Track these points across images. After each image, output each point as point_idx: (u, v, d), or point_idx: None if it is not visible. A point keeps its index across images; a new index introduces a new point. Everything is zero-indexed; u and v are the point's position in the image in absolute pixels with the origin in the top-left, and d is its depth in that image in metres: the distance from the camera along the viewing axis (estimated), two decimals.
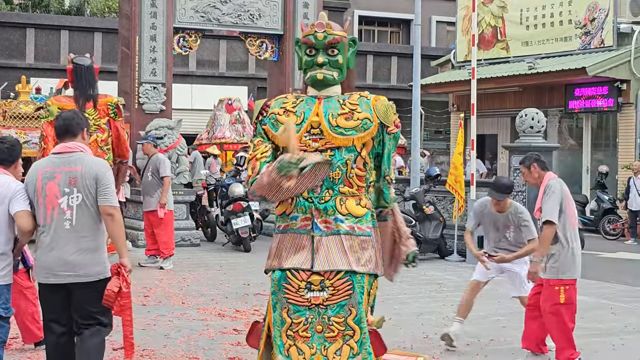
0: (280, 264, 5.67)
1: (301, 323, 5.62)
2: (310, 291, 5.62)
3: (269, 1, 18.31)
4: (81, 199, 5.96)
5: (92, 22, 29.56)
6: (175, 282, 12.16)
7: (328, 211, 5.72)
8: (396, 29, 37.84)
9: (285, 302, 5.64)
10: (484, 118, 25.99)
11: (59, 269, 5.96)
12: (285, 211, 5.75)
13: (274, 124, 5.76)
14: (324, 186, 5.72)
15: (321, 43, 5.86)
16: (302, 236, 5.70)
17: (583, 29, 23.73)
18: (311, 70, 5.87)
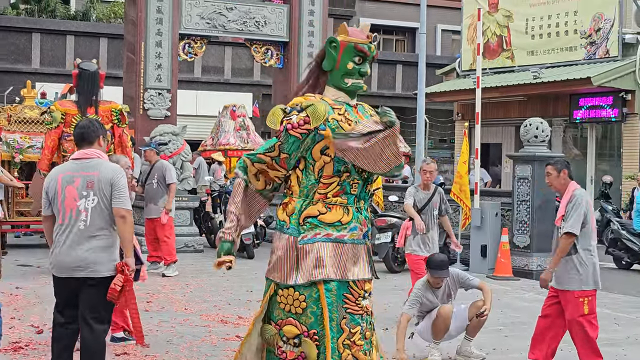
0: (344, 275, 5.65)
1: (357, 332, 5.63)
2: (364, 299, 5.71)
3: (275, 8, 18.35)
4: (96, 202, 6.39)
5: (98, 28, 29.62)
6: (178, 288, 12.16)
7: (367, 221, 5.86)
8: (401, 37, 37.88)
9: (344, 312, 5.61)
10: (489, 127, 25.99)
11: (72, 265, 6.39)
12: (340, 220, 5.70)
13: (335, 130, 5.60)
14: (360, 196, 5.83)
15: (371, 56, 5.89)
16: (357, 246, 5.76)
17: (588, 39, 23.74)
18: (353, 78, 5.80)
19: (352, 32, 5.90)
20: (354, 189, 5.74)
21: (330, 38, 5.91)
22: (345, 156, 5.59)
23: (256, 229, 16.04)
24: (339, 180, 5.68)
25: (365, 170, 5.70)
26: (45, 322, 9.36)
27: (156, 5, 17.22)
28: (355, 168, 5.67)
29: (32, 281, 12.36)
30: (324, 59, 5.87)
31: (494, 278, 14.25)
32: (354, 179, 5.71)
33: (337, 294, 5.60)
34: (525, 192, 14.95)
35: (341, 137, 5.57)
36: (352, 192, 5.74)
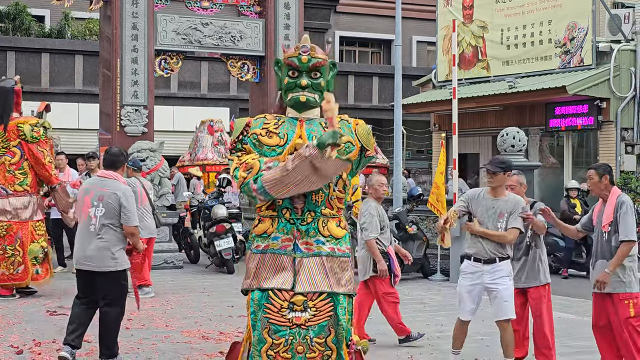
0: (260, 284, 5.77)
1: (282, 344, 5.68)
2: (292, 311, 5.71)
3: (250, 23, 18.35)
4: (104, 212, 8.10)
5: (73, 45, 29.51)
6: (158, 305, 12.11)
7: (310, 233, 5.83)
8: (377, 49, 37.98)
9: (266, 322, 5.71)
10: (466, 137, 26.07)
11: (82, 260, 8.20)
12: (266, 231, 5.86)
13: (256, 144, 5.83)
14: (306, 208, 5.82)
15: (305, 66, 5.93)
16: (282, 257, 5.80)
17: (563, 48, 23.88)
18: (293, 92, 5.95)
19: (284, 49, 6.19)
20: (279, 201, 5.83)
21: (275, 59, 6.26)
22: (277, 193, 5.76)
23: (235, 243, 16.01)
24: None
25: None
26: (25, 342, 9.30)
27: (131, 21, 17.18)
28: None
29: (11, 301, 12.27)
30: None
31: None
32: None
33: (259, 304, 5.76)
34: None
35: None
36: (278, 204, 5.85)
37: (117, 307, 8.25)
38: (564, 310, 11.83)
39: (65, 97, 28.03)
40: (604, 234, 7.65)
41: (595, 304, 7.82)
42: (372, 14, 35.85)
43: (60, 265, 15.71)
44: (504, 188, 8.11)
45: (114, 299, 8.22)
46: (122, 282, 8.32)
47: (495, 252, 8.02)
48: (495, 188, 8.08)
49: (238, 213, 16.96)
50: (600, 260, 7.66)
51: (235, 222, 16.50)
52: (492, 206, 8.04)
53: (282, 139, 5.85)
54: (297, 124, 5.95)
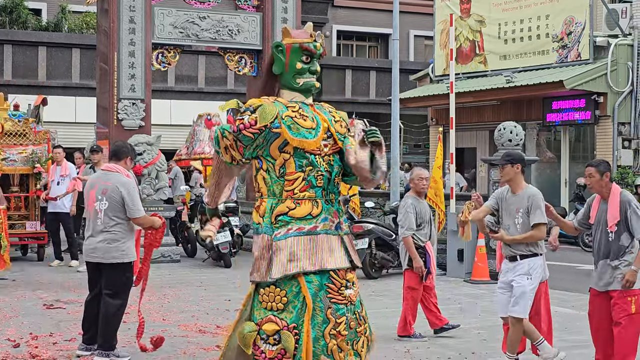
0: (323, 264, 5.79)
1: (342, 322, 5.76)
2: (347, 289, 5.85)
3: (248, 17, 18.33)
4: (107, 205, 8.23)
5: (71, 39, 29.48)
6: (155, 299, 12.11)
7: (340, 212, 6.06)
8: (374, 43, 37.95)
9: (328, 301, 5.76)
10: (463, 132, 26.08)
11: (90, 252, 8.34)
12: (311, 212, 5.87)
13: (291, 126, 5.84)
14: (329, 189, 5.97)
15: (318, 53, 6.09)
16: (331, 237, 5.91)
17: (560, 43, 23.89)
18: (304, 77, 6.05)
19: (296, 33, 6.13)
20: (319, 182, 5.90)
21: (275, 42, 6.17)
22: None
23: (233, 237, 16.00)
24: (303, 175, 5.88)
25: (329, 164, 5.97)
26: (22, 335, 9.30)
27: (128, 15, 17.15)
28: (318, 161, 5.90)
29: (7, 295, 12.26)
30: (274, 64, 6.13)
31: (471, 282, 14.30)
32: (318, 172, 5.90)
33: (319, 284, 5.76)
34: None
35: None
36: (318, 185, 5.91)
37: (119, 299, 8.33)
38: (561, 304, 11.84)
39: (62, 90, 28.02)
40: (609, 234, 7.58)
41: (594, 300, 7.81)
42: (369, 8, 35.82)
43: (57, 259, 15.71)
44: (518, 182, 8.01)
45: (117, 290, 8.32)
46: (126, 275, 8.41)
47: (516, 250, 7.95)
48: (510, 183, 8.06)
49: (235, 207, 16.95)
50: (603, 259, 7.62)
51: (232, 216, 16.50)
52: (511, 202, 8.03)
53: (313, 122, 5.96)
54: (309, 108, 6.08)
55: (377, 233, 14.76)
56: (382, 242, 14.82)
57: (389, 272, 15.20)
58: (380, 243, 14.81)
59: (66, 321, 10.25)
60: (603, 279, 7.60)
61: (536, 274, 7.93)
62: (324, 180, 5.94)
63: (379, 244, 14.81)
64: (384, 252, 14.87)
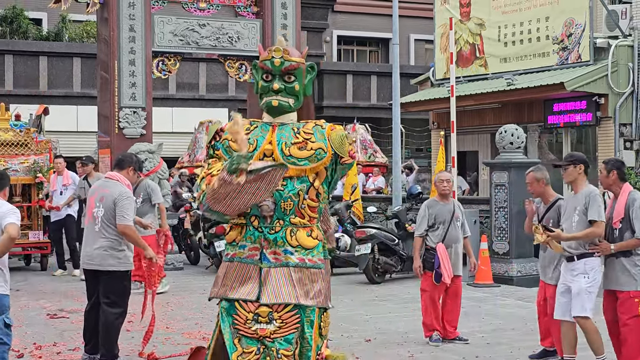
0: (226, 293, 5.68)
1: (253, 352, 5.58)
2: (257, 323, 5.58)
3: (247, 23, 18.35)
4: (103, 213, 8.29)
5: (71, 48, 29.51)
6: (158, 307, 12.09)
7: (278, 242, 5.68)
8: (375, 48, 37.96)
9: (235, 331, 5.64)
10: (464, 135, 26.06)
11: (86, 259, 8.41)
12: (235, 239, 5.76)
13: (227, 150, 5.72)
14: (275, 216, 5.70)
15: (278, 69, 5.80)
16: (249, 266, 5.68)
17: (560, 45, 23.87)
18: (267, 96, 5.84)
19: (261, 52, 6.00)
20: (248, 209, 5.70)
21: (253, 63, 6.10)
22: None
23: None
24: None
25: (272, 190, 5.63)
26: (25, 345, 9.31)
27: (128, 23, 17.18)
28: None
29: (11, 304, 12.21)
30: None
31: (474, 285, 14.28)
32: None
33: (227, 313, 5.70)
34: (503, 199, 15.01)
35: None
36: (248, 212, 5.72)
37: (117, 308, 8.31)
38: None
39: (63, 99, 28.04)
40: (614, 231, 7.63)
41: (606, 297, 7.83)
42: (369, 13, 35.83)
43: (61, 269, 15.73)
44: (580, 183, 8.01)
45: (115, 299, 8.31)
46: (124, 283, 8.42)
47: (573, 249, 7.89)
48: (572, 184, 8.10)
49: None
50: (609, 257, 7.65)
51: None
52: (570, 203, 8.10)
53: (251, 145, 5.70)
54: (269, 129, 5.82)
55: (379, 238, 14.75)
56: (384, 246, 14.81)
57: (392, 276, 15.19)
58: (383, 248, 14.80)
59: (70, 330, 10.26)
60: (608, 277, 7.64)
61: (594, 273, 7.82)
62: (252, 207, 5.68)
63: (381, 248, 14.80)
64: (387, 256, 14.86)
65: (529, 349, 9.22)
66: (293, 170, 5.66)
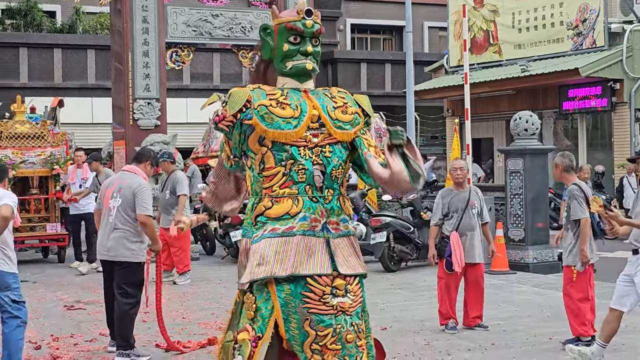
0: (296, 269, 5.05)
1: (329, 334, 5.03)
2: (335, 297, 5.09)
3: (260, 13, 18.34)
4: (120, 203, 8.41)
5: (85, 40, 29.59)
6: (175, 297, 12.15)
7: (335, 211, 5.27)
8: (389, 36, 37.89)
9: (305, 312, 5.03)
10: (479, 122, 26.03)
11: (102, 249, 8.54)
12: (289, 212, 5.16)
13: (265, 117, 5.17)
14: (325, 185, 5.24)
15: (309, 31, 5.37)
16: (312, 239, 5.15)
17: (575, 30, 23.78)
18: (294, 59, 5.35)
19: (283, 13, 5.51)
20: (301, 177, 5.18)
21: (262, 25, 5.55)
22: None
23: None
24: (283, 170, 5.20)
25: (324, 157, 5.23)
26: (43, 337, 9.36)
27: (141, 15, 17.20)
28: (301, 154, 5.19)
29: (28, 296, 12.28)
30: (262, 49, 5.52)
31: (490, 273, 14.24)
32: (299, 166, 5.18)
33: (293, 292, 5.06)
34: (518, 186, 14.97)
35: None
36: (300, 181, 5.18)
37: (130, 298, 8.39)
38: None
39: (78, 91, 28.16)
40: None
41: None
42: (383, 1, 35.77)
43: (78, 260, 15.78)
44: None
45: (128, 290, 8.40)
46: (137, 274, 8.49)
47: (638, 242, 7.76)
48: None
49: None
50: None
51: None
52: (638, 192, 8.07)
53: (295, 111, 5.20)
54: (302, 95, 5.31)
55: (395, 226, 14.74)
56: (400, 235, 14.80)
57: (407, 265, 15.19)
58: (398, 236, 14.80)
59: (87, 322, 10.31)
60: None
61: None
62: (307, 175, 5.17)
63: (397, 237, 14.79)
64: (402, 245, 14.86)
65: (545, 336, 9.21)
66: (341, 134, 5.26)
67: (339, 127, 5.25)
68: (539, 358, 8.30)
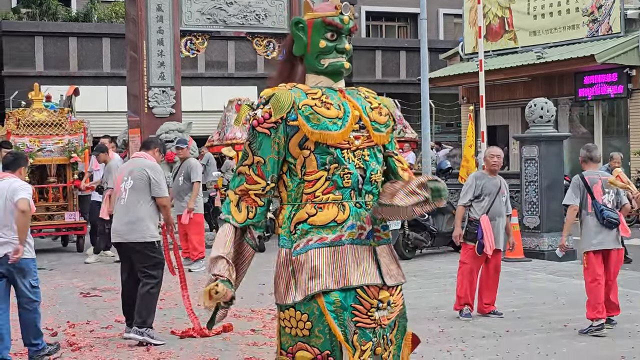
0: (348, 281, 4.67)
1: (367, 349, 4.71)
2: (378, 310, 4.75)
3: (274, 1, 18.32)
4: (132, 184, 8.62)
5: (100, 28, 29.67)
6: (190, 284, 12.15)
7: (377, 218, 4.89)
8: (404, 23, 37.82)
9: (354, 326, 4.66)
10: (495, 109, 25.96)
11: (116, 232, 8.74)
12: (335, 219, 4.74)
13: (310, 117, 4.76)
14: (364, 189, 4.84)
15: (347, 28, 5.00)
16: (359, 247, 4.80)
17: (590, 17, 23.67)
18: (330, 57, 4.94)
19: (319, 7, 5.08)
20: (346, 182, 4.77)
21: (295, 19, 5.11)
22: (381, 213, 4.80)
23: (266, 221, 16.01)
24: (326, 175, 4.75)
25: (364, 160, 4.83)
26: (59, 324, 9.43)
27: (156, 3, 17.21)
28: (345, 157, 4.79)
29: (44, 284, 12.36)
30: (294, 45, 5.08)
31: (505, 260, 14.19)
32: (345, 170, 4.76)
33: (344, 306, 4.68)
34: (533, 173, 14.94)
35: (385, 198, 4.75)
36: (345, 186, 4.77)
37: (152, 279, 8.60)
38: None
39: (93, 80, 28.24)
40: None
41: None
42: None
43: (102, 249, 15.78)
44: None
45: (147, 271, 8.61)
46: (152, 254, 8.67)
47: None
48: None
49: None
50: None
51: None
52: None
53: (339, 111, 4.79)
54: (339, 94, 4.93)
55: None
56: (414, 222, 14.80)
57: (422, 252, 15.20)
58: (413, 224, 14.80)
59: (102, 309, 10.37)
60: None
61: None
62: (352, 180, 4.77)
63: (411, 224, 14.79)
64: (417, 232, 14.86)
65: (560, 323, 9.21)
66: (378, 137, 4.88)
67: (377, 130, 4.90)
68: (554, 345, 8.29)
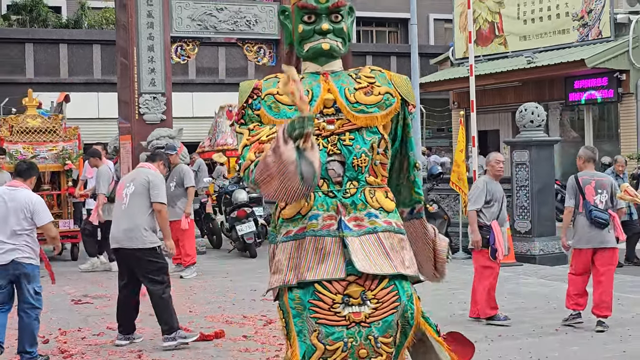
0: (302, 276, 4.41)
1: (339, 349, 4.39)
2: (348, 306, 4.41)
3: (265, 7, 18.33)
4: (134, 190, 8.71)
5: (91, 35, 29.64)
6: (182, 291, 12.18)
7: (357, 205, 4.55)
8: (394, 28, 37.88)
9: (314, 323, 4.40)
10: (485, 114, 26.01)
11: (115, 239, 8.74)
12: (300, 211, 4.52)
13: (272, 106, 4.64)
14: (346, 177, 4.56)
15: (324, 7, 4.76)
16: (326, 239, 4.46)
17: (580, 21, 23.74)
18: (311, 40, 4.77)
19: None
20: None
21: (280, 7, 5.03)
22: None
23: (257, 227, 16.03)
24: None
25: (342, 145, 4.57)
26: (50, 331, 9.39)
27: (146, 9, 17.20)
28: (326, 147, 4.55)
29: None
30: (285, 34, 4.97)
31: None
32: None
33: (302, 302, 4.43)
34: (524, 178, 14.96)
35: None
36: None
37: (158, 284, 8.63)
38: None
39: (84, 86, 28.21)
40: None
41: None
42: None
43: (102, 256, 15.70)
44: None
45: (151, 276, 8.63)
46: (154, 260, 8.69)
47: None
48: None
49: (259, 197, 16.99)
50: None
51: (256, 206, 16.54)
52: None
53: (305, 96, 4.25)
54: (320, 78, 4.73)
55: None
56: None
57: None
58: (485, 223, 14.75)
59: (94, 316, 10.34)
60: None
61: None
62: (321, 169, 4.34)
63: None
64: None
65: (552, 327, 9.22)
66: (363, 119, 4.60)
67: (360, 111, 4.62)
68: (545, 349, 8.30)
